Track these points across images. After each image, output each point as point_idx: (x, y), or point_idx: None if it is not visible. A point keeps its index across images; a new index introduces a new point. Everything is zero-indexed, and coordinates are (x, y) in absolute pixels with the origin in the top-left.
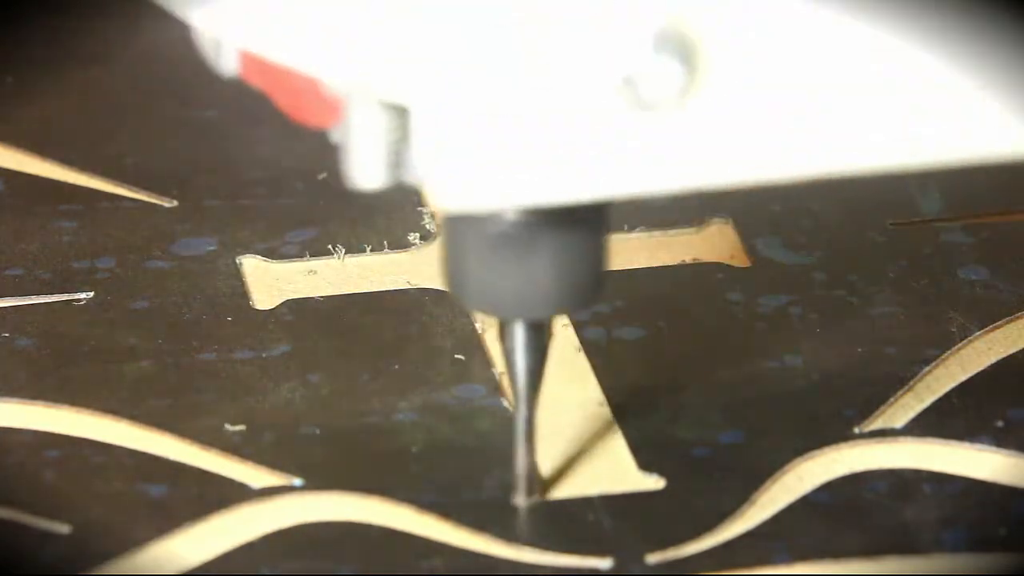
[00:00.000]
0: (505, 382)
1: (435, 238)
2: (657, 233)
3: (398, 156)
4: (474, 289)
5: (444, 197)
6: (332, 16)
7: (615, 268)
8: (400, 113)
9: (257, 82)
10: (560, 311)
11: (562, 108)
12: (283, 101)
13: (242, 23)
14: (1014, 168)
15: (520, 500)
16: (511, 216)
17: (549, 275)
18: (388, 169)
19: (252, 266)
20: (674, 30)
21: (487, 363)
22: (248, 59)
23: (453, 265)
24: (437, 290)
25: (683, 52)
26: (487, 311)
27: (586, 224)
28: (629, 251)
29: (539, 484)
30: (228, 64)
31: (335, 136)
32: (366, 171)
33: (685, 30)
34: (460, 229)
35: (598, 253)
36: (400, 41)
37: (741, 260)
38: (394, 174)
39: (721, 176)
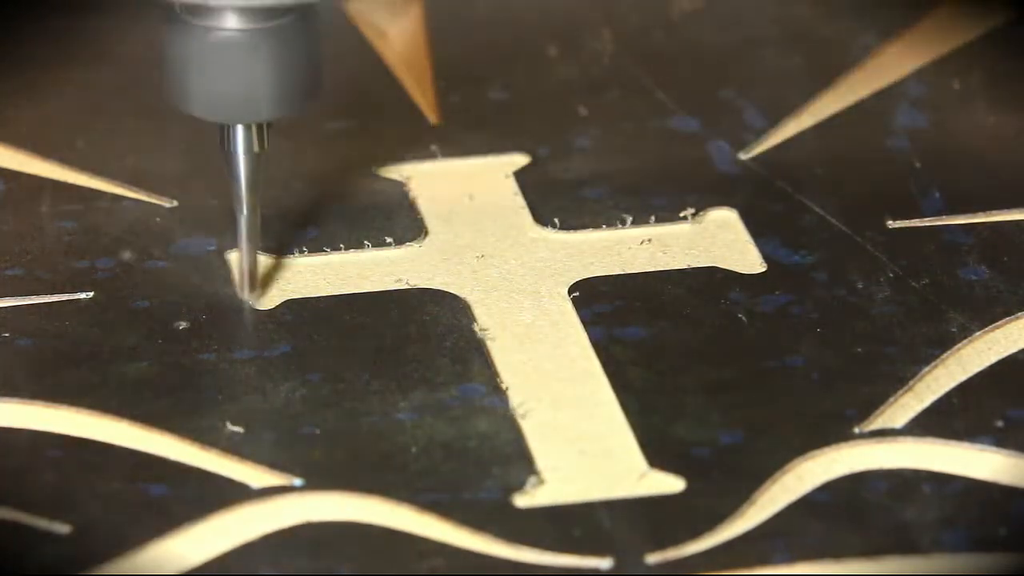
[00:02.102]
0: (503, 385)
1: (425, 237)
2: (660, 228)
3: None
4: (197, 95)
5: None
6: None
7: (616, 271)
8: None
9: None
10: (279, 113)
11: None
12: None
13: None
14: (1014, 168)
15: (244, 296)
16: (232, 22)
17: (269, 79)
18: None
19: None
20: None
21: (487, 363)
22: None
23: (176, 73)
24: (437, 290)
25: None
26: (211, 117)
27: (301, 29)
28: (630, 252)
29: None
30: None
31: None
32: None
33: None
34: (184, 37)
35: (314, 56)
36: None
37: (750, 258)
38: None
39: None
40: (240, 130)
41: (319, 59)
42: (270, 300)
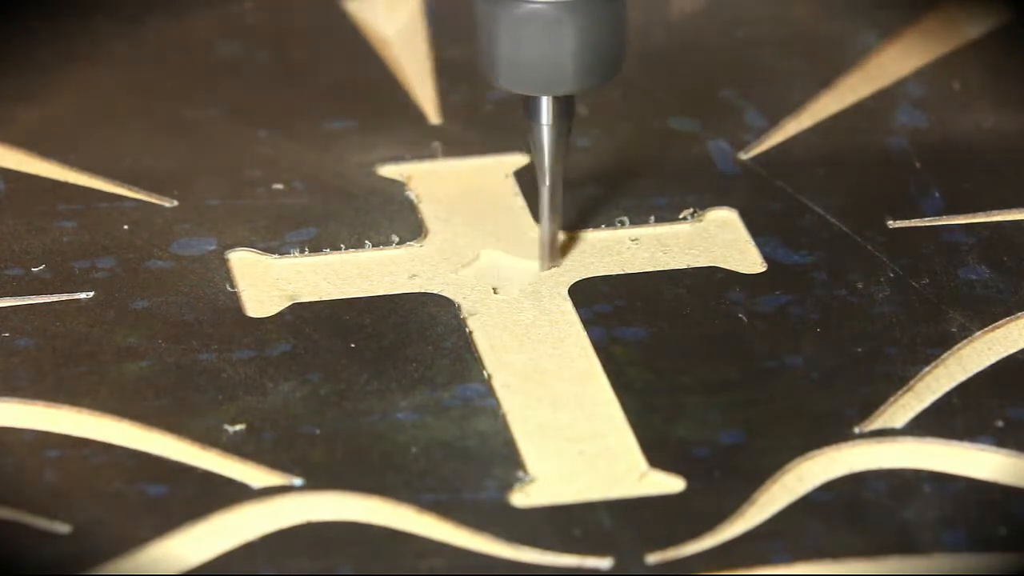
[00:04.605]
0: (493, 383)
1: (425, 237)
2: (660, 228)
3: None
4: (504, 68)
5: None
6: None
7: (616, 271)
8: None
9: None
10: (583, 86)
11: None
12: None
13: None
14: (1014, 168)
15: (542, 267)
16: None
17: (575, 52)
18: None
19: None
20: None
21: (483, 363)
22: None
23: (485, 45)
24: (436, 292)
25: None
26: (516, 88)
27: (607, 3)
28: (630, 252)
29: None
30: None
31: None
32: None
33: None
34: (493, 9)
35: (619, 32)
36: None
37: (750, 258)
38: None
39: None
40: (544, 102)
41: (624, 35)
42: (272, 305)
